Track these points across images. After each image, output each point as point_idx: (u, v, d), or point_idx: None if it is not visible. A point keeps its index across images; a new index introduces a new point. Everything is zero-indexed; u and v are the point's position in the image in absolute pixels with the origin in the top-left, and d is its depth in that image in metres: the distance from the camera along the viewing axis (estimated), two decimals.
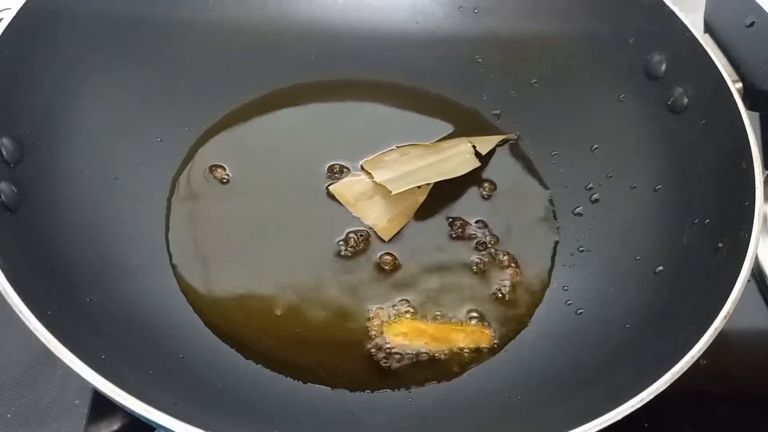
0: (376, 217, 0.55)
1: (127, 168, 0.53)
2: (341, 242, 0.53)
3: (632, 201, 0.54)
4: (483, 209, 0.56)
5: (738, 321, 0.41)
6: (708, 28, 0.54)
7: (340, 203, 0.55)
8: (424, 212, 0.55)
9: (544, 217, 0.56)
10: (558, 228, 0.56)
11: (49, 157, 0.48)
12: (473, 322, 0.50)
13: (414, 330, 0.50)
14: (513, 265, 0.54)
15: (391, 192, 0.53)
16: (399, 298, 0.51)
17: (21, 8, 0.47)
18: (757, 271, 0.58)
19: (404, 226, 0.54)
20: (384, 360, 0.49)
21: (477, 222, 0.55)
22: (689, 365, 0.39)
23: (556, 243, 0.55)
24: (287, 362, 0.48)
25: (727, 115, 0.48)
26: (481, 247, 0.54)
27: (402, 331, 0.49)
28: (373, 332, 0.50)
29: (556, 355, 0.49)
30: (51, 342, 0.36)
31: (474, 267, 0.53)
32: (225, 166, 0.56)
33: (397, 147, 0.58)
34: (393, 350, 0.49)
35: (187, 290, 0.50)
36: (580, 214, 0.56)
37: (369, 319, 0.50)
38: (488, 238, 0.54)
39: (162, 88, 0.56)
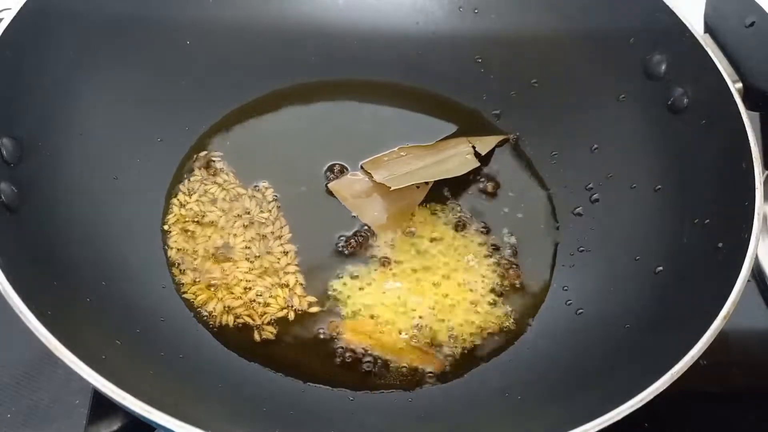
0: (374, 215, 0.55)
1: (127, 168, 0.53)
2: (340, 240, 0.53)
3: (632, 201, 0.54)
4: (483, 209, 0.56)
5: (738, 321, 0.41)
6: (708, 28, 0.54)
7: (340, 202, 0.55)
8: (423, 212, 0.55)
9: (544, 217, 0.56)
10: (558, 228, 0.56)
11: (49, 157, 0.48)
12: (420, 342, 0.50)
13: (368, 332, 0.49)
14: (513, 265, 0.54)
15: (390, 188, 0.54)
16: (395, 297, 0.51)
17: (21, 8, 0.47)
18: (757, 271, 0.58)
19: (402, 225, 0.54)
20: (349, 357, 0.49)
21: (477, 222, 0.55)
22: (689, 365, 0.39)
23: (556, 243, 0.55)
24: (287, 362, 0.48)
25: (727, 115, 0.48)
26: (480, 247, 0.54)
27: (354, 329, 0.49)
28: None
29: (556, 355, 0.49)
30: (51, 342, 0.36)
31: (473, 267, 0.53)
32: (225, 166, 0.56)
33: (398, 148, 0.58)
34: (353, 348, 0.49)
35: (186, 290, 0.50)
36: (580, 214, 0.56)
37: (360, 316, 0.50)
38: (487, 238, 0.54)
39: (162, 88, 0.56)
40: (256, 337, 0.49)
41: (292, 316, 0.50)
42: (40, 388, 0.50)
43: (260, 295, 0.51)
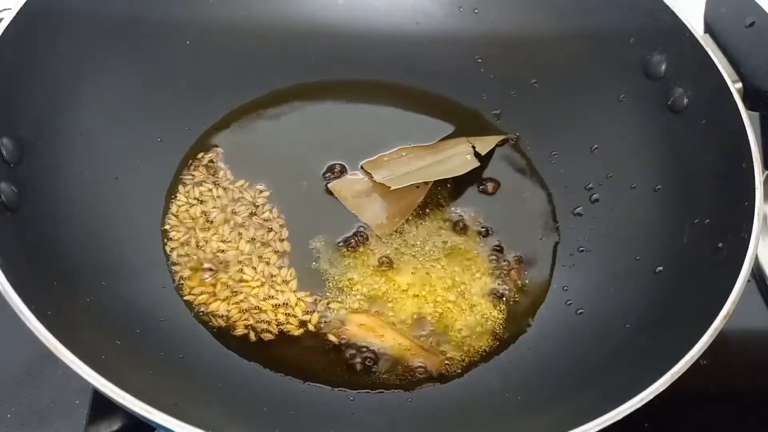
0: (374, 214, 0.55)
1: (127, 168, 0.53)
2: (340, 240, 0.53)
3: (632, 201, 0.54)
4: (483, 209, 0.56)
5: (738, 321, 0.41)
6: (708, 28, 0.54)
7: (340, 202, 0.55)
8: (423, 212, 0.55)
9: (544, 217, 0.56)
10: (558, 228, 0.56)
11: (49, 157, 0.48)
12: (431, 341, 0.50)
13: (369, 328, 0.50)
14: (513, 265, 0.54)
15: (390, 188, 0.54)
16: (395, 296, 0.51)
17: (21, 8, 0.47)
18: (757, 271, 0.58)
19: (402, 225, 0.54)
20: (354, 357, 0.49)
21: (476, 222, 0.55)
22: (689, 365, 0.39)
23: (556, 243, 0.55)
24: (287, 362, 0.48)
25: (727, 115, 0.48)
26: (480, 247, 0.54)
27: (360, 322, 0.50)
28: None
29: (556, 355, 0.49)
30: (51, 342, 0.36)
31: (473, 267, 0.53)
32: (225, 166, 0.56)
33: (398, 148, 0.58)
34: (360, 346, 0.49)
35: (186, 290, 0.50)
36: (580, 214, 0.56)
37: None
38: (488, 239, 0.55)
39: (162, 88, 0.56)
40: (256, 337, 0.49)
41: (291, 315, 0.50)
42: (40, 388, 0.50)
43: (260, 295, 0.51)
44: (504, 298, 0.52)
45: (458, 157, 0.57)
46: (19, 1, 0.47)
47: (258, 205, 0.55)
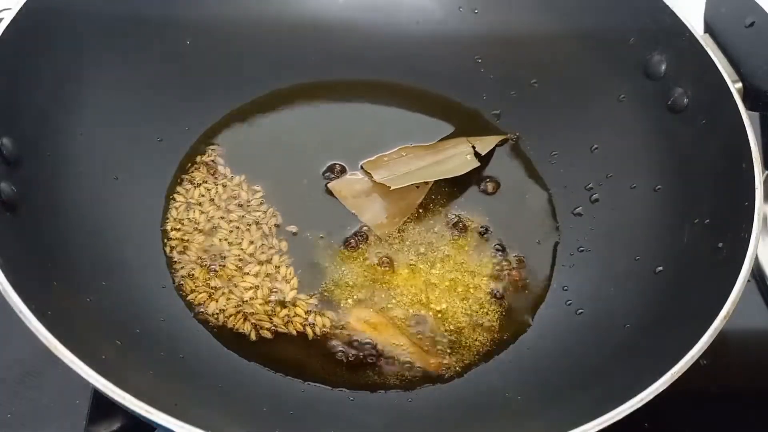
0: (374, 214, 0.55)
1: (127, 168, 0.53)
2: (340, 240, 0.53)
3: (632, 201, 0.54)
4: (483, 209, 0.56)
5: (738, 321, 0.41)
6: (708, 28, 0.54)
7: (340, 202, 0.55)
8: (423, 212, 0.55)
9: (544, 217, 0.56)
10: (558, 228, 0.56)
11: (49, 157, 0.48)
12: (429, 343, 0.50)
13: (370, 324, 0.50)
14: (513, 265, 0.54)
15: (390, 188, 0.54)
16: (395, 296, 0.51)
17: (21, 8, 0.47)
18: (757, 271, 0.58)
19: (402, 225, 0.54)
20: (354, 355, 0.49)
21: (476, 222, 0.55)
22: (689, 365, 0.39)
23: (556, 243, 0.55)
24: (287, 362, 0.48)
25: (727, 115, 0.48)
26: (480, 248, 0.54)
27: (360, 323, 0.50)
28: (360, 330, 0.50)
29: (556, 355, 0.49)
30: (51, 342, 0.36)
31: (473, 267, 0.53)
32: (225, 166, 0.56)
33: (398, 148, 0.58)
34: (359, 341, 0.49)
35: (186, 290, 0.50)
36: (580, 214, 0.56)
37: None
38: (488, 239, 0.55)
39: (162, 88, 0.56)
40: (256, 336, 0.49)
41: (291, 314, 0.50)
42: (40, 388, 0.50)
43: (260, 294, 0.51)
44: (504, 298, 0.52)
45: (458, 157, 0.57)
46: (19, 1, 0.47)
47: (257, 205, 0.55)
